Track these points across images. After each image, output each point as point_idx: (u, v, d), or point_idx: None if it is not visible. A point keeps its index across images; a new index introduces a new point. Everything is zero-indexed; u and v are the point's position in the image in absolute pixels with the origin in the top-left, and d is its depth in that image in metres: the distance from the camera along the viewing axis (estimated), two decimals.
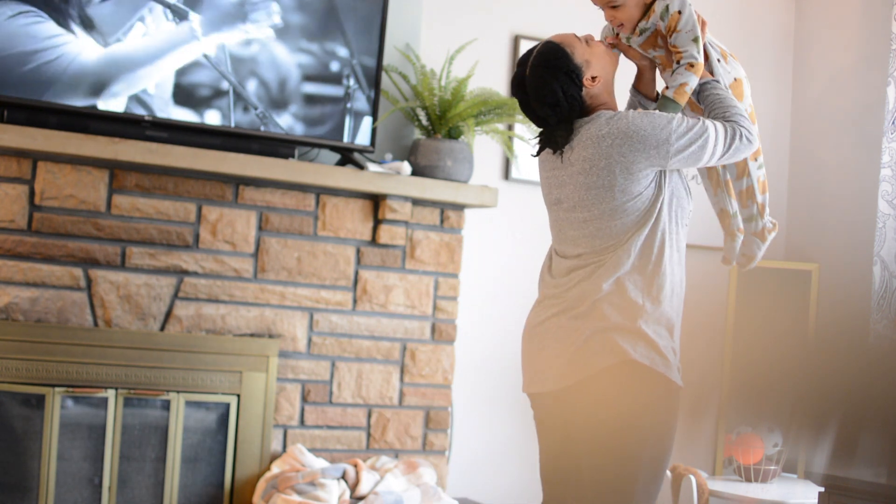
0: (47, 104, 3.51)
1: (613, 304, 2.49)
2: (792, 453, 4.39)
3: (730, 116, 2.57)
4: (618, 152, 2.48)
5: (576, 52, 2.58)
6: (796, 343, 4.45)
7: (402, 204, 3.93)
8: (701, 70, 2.61)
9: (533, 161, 4.35)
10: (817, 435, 4.09)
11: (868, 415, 3.82)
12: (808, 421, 4.25)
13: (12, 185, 3.54)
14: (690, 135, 2.49)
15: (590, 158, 2.52)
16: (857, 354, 4.11)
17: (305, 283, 3.89)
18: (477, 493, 4.28)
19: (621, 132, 2.48)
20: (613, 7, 2.64)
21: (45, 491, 3.51)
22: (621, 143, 2.48)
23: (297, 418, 3.88)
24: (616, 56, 2.68)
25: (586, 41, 2.62)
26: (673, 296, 2.54)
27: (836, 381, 3.99)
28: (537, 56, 2.59)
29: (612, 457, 2.49)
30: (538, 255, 4.47)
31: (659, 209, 2.52)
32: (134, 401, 3.65)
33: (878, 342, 4.01)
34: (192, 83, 3.70)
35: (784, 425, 4.27)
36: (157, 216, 3.71)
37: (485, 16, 4.40)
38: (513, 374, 4.39)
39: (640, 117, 2.50)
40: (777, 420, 4.28)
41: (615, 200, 2.50)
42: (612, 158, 2.49)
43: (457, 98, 3.99)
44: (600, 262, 2.53)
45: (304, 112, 3.85)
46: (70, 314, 3.59)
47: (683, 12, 2.60)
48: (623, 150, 2.48)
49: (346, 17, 3.90)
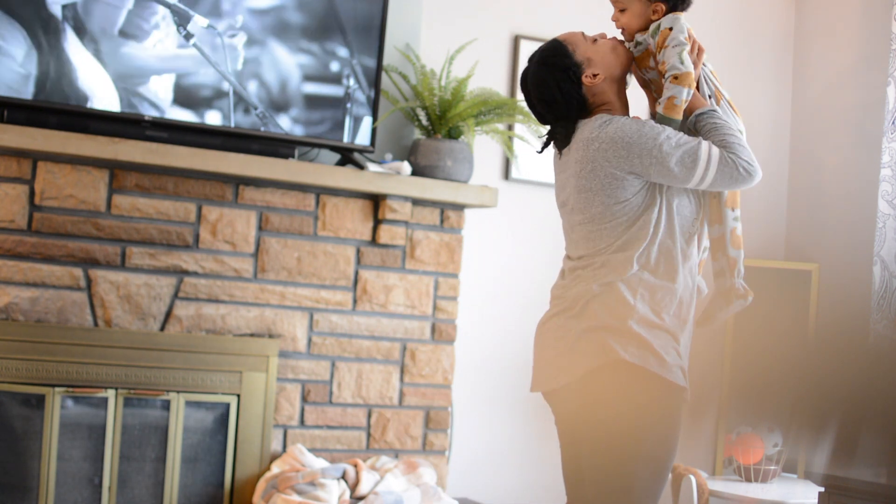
0: (47, 104, 3.51)
1: (605, 304, 2.49)
2: (792, 453, 4.39)
3: (727, 144, 2.49)
4: (602, 157, 2.48)
5: (577, 49, 2.58)
6: (796, 343, 4.45)
7: (402, 204, 3.93)
8: (689, 80, 2.52)
9: (533, 161, 4.35)
10: (817, 435, 4.09)
11: (868, 415, 3.82)
12: (808, 421, 4.25)
13: (12, 185, 3.54)
14: (679, 152, 2.45)
15: (580, 161, 2.52)
16: (857, 354, 4.11)
17: (305, 283, 3.89)
18: (477, 493, 4.28)
19: (608, 137, 2.48)
20: (621, 10, 2.64)
21: (45, 491, 3.51)
22: (606, 147, 2.48)
23: (297, 418, 3.88)
24: (626, 56, 2.62)
25: (594, 39, 2.62)
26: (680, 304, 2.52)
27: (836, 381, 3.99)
28: (538, 52, 2.61)
29: (609, 457, 2.49)
30: (538, 255, 4.49)
31: (656, 218, 2.50)
32: (134, 401, 3.65)
33: (878, 342, 4.01)
34: (193, 83, 3.70)
35: (784, 425, 4.27)
36: (157, 216, 3.71)
37: (485, 16, 4.40)
38: (513, 374, 4.39)
39: (630, 124, 2.48)
40: (777, 420, 4.28)
41: (602, 204, 2.50)
42: (597, 162, 2.49)
43: (457, 98, 3.99)
44: (596, 264, 2.53)
45: (304, 112, 3.85)
46: (70, 314, 3.59)
47: (674, 28, 2.55)
48: (608, 154, 2.47)
49: (346, 17, 3.90)
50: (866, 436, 3.73)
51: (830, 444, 3.92)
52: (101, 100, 3.58)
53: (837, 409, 3.91)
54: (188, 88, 3.69)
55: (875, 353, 4.01)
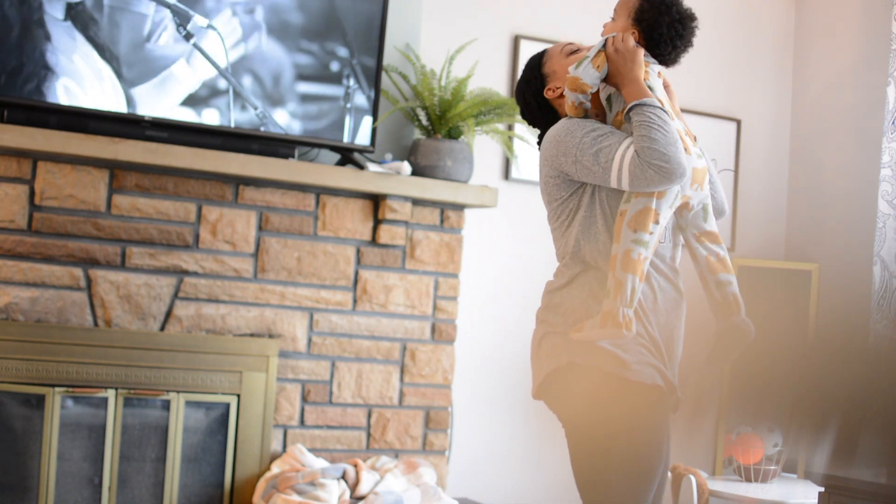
0: (47, 104, 3.51)
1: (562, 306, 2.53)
2: (792, 453, 4.39)
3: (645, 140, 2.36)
4: (543, 156, 2.56)
5: (548, 61, 2.66)
6: (796, 343, 4.45)
7: (402, 204, 3.93)
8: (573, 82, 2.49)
9: (533, 161, 4.35)
10: (817, 435, 4.09)
11: (868, 415, 3.82)
12: (808, 421, 4.25)
13: (12, 185, 3.54)
14: (595, 150, 2.43)
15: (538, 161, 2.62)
16: (857, 354, 4.12)
17: (305, 283, 3.89)
18: (477, 493, 4.28)
19: (549, 137, 2.55)
20: (612, 20, 2.64)
21: (45, 491, 3.51)
22: (546, 147, 2.55)
23: (297, 418, 3.88)
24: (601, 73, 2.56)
25: (571, 52, 2.64)
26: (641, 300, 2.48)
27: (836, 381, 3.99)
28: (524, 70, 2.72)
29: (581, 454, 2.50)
30: (538, 255, 4.48)
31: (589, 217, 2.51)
32: (134, 401, 3.65)
33: (878, 342, 4.01)
34: (193, 83, 3.70)
35: (784, 425, 4.27)
36: (157, 216, 3.71)
37: (485, 16, 4.40)
38: (513, 374, 4.39)
39: (566, 123, 2.52)
40: (777, 420, 4.28)
41: (548, 204, 2.59)
42: (542, 161, 2.57)
43: (457, 98, 3.99)
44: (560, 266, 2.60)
45: (303, 112, 3.85)
46: (70, 314, 3.59)
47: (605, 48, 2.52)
48: (546, 153, 2.55)
49: (346, 17, 3.90)
50: (866, 436, 3.73)
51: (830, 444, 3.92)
52: (101, 99, 3.58)
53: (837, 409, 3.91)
54: (188, 88, 3.69)
55: (875, 353, 4.01)
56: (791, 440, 4.30)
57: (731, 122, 4.85)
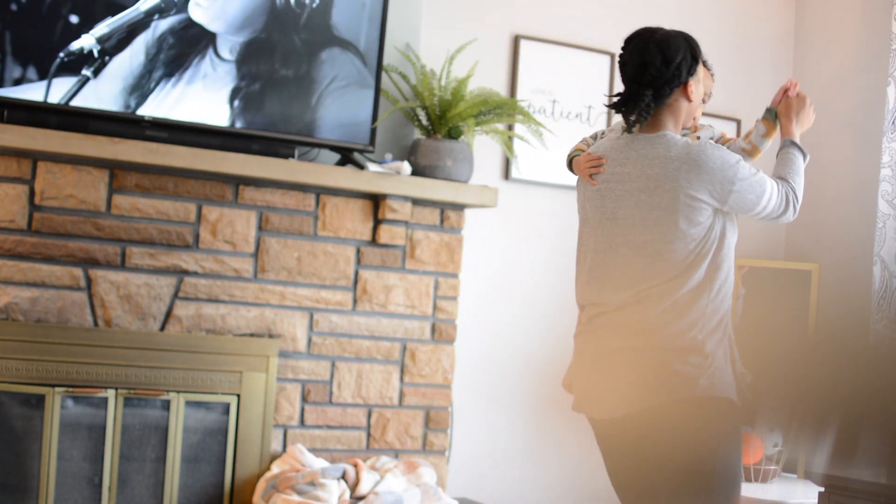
0: (47, 104, 3.51)
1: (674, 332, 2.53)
2: (792, 453, 4.39)
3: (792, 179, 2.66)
4: (685, 178, 2.51)
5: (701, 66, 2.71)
6: (796, 343, 4.45)
7: (402, 204, 3.93)
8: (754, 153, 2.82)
9: (533, 161, 4.35)
10: (817, 435, 4.09)
11: (868, 415, 3.82)
12: (808, 421, 4.25)
13: (12, 185, 3.54)
14: (751, 181, 2.56)
15: (655, 178, 2.54)
16: (857, 354, 4.12)
17: (305, 283, 3.89)
18: (477, 493, 4.28)
19: (692, 159, 2.52)
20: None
21: (45, 491, 3.51)
22: (688, 169, 2.51)
23: (297, 418, 3.88)
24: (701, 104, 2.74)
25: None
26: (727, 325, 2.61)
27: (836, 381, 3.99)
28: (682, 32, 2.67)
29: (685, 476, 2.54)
30: (538, 255, 4.49)
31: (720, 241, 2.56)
32: (134, 401, 3.65)
33: (878, 342, 4.01)
34: (193, 82, 3.70)
35: (784, 425, 4.27)
36: (157, 216, 3.71)
37: (485, 16, 4.40)
38: (513, 373, 4.40)
39: (712, 149, 2.54)
40: (777, 420, 4.28)
41: (677, 225, 2.52)
42: (678, 183, 2.51)
43: (457, 98, 3.99)
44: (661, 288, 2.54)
45: None
46: (70, 314, 3.59)
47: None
48: (690, 176, 2.51)
49: (346, 17, 3.89)
50: (866, 436, 3.72)
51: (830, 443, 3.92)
52: (101, 100, 3.58)
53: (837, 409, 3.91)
54: (188, 88, 3.69)
55: (875, 352, 4.01)
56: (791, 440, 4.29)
57: (731, 123, 4.85)
